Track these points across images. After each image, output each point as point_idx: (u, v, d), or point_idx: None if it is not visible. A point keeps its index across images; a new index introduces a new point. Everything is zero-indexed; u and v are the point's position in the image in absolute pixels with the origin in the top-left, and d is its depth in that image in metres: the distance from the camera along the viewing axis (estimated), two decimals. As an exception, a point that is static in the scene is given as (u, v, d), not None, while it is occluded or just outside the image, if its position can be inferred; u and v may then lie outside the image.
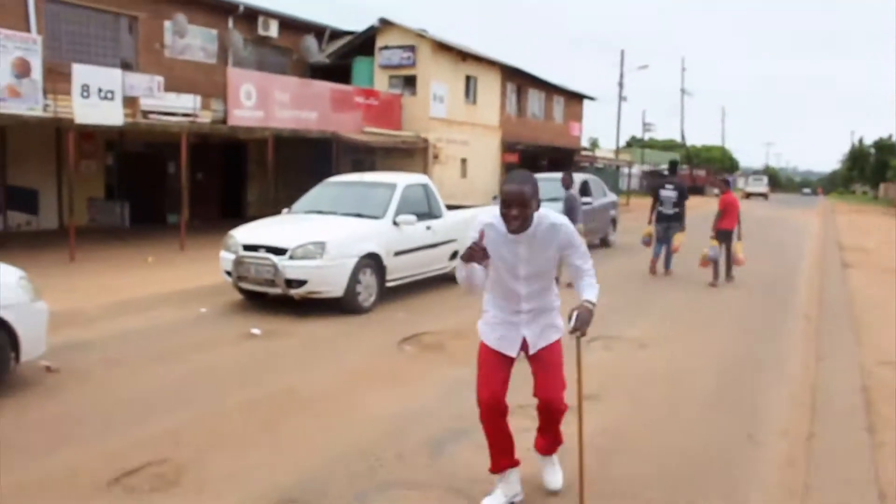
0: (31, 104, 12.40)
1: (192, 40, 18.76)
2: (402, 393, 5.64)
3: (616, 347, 7.30)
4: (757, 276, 12.46)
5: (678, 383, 6.10)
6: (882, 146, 62.21)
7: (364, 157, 21.77)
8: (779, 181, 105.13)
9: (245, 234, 8.98)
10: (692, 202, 15.67)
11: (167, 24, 17.96)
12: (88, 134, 16.10)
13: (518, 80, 30.29)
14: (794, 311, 9.68)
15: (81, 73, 12.69)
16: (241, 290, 9.06)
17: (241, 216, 19.20)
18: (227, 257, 8.80)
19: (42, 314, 5.45)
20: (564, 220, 3.56)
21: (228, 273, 8.75)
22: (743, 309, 9.76)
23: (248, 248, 8.62)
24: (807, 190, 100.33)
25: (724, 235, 11.90)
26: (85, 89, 12.53)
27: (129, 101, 14.51)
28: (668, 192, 12.54)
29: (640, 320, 8.70)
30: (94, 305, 8.48)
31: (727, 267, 12.07)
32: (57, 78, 13.78)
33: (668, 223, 12.49)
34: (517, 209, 3.34)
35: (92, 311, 8.21)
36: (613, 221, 17.69)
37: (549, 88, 33.70)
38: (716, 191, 20.57)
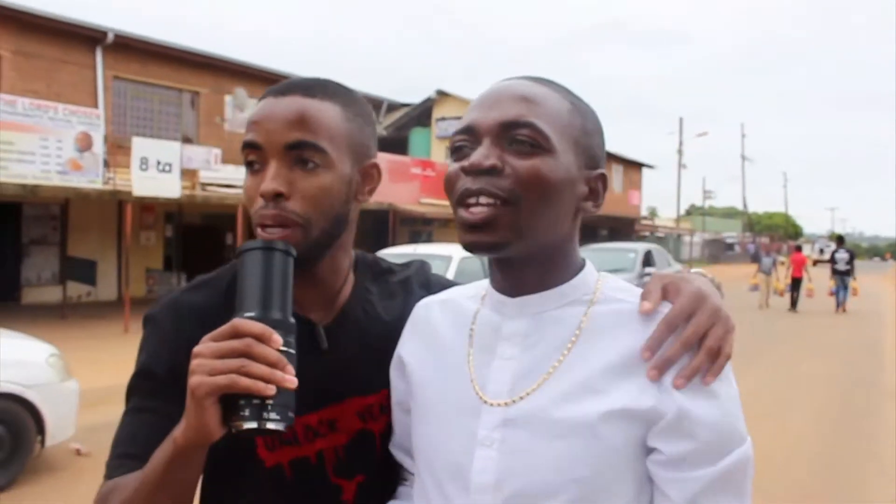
0: (91, 177, 12.60)
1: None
2: None
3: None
4: (836, 352, 11.56)
5: (766, 477, 5.41)
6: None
7: (422, 228, 21.62)
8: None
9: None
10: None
11: (227, 98, 18.36)
12: (148, 206, 16.35)
13: (575, 148, 30.03)
14: (885, 391, 8.81)
15: (140, 146, 12.89)
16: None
17: (296, 287, 19.06)
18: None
19: (72, 394, 5.15)
20: None
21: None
22: (827, 388, 8.93)
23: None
24: (877, 258, 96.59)
25: (796, 282, 18.58)
26: (143, 162, 12.69)
27: (188, 174, 14.71)
28: (842, 255, 18.70)
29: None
30: (139, 381, 8.19)
31: (793, 301, 18.47)
32: (119, 151, 14.06)
33: (843, 276, 18.41)
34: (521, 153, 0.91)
35: (134, 387, 7.92)
36: (678, 292, 16.97)
37: (608, 156, 33.23)
38: (781, 258, 23.68)
